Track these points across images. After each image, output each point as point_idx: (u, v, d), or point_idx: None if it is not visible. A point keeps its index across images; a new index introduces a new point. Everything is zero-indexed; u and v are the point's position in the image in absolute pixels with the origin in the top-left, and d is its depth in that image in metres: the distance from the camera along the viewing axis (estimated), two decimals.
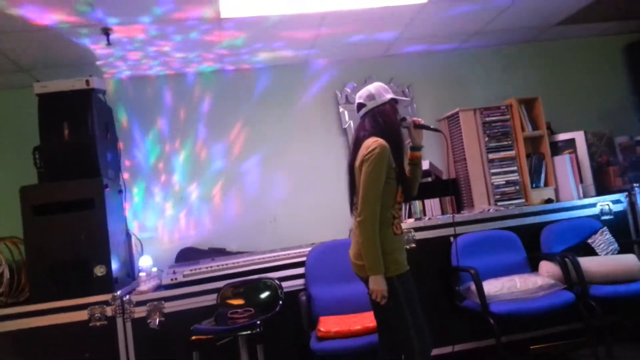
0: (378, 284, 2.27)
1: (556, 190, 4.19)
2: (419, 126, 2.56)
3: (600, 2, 3.94)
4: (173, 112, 4.21)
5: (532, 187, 4.14)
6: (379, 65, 4.50)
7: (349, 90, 4.42)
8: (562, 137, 4.33)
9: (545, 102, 4.28)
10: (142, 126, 4.15)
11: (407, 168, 2.54)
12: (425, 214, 4.01)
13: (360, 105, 2.51)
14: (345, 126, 4.37)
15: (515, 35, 4.51)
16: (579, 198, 4.06)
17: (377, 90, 2.48)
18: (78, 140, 3.26)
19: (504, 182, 4.11)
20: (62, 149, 3.25)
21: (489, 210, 3.85)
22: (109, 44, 3.31)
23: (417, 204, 4.02)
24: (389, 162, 2.33)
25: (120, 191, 3.69)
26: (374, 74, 4.43)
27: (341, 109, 4.41)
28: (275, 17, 3.43)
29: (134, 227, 3.99)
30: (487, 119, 4.17)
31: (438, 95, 4.54)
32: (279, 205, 4.23)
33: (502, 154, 4.15)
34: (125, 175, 4.02)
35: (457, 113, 4.20)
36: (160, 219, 4.10)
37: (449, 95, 4.54)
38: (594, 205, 3.92)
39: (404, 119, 2.54)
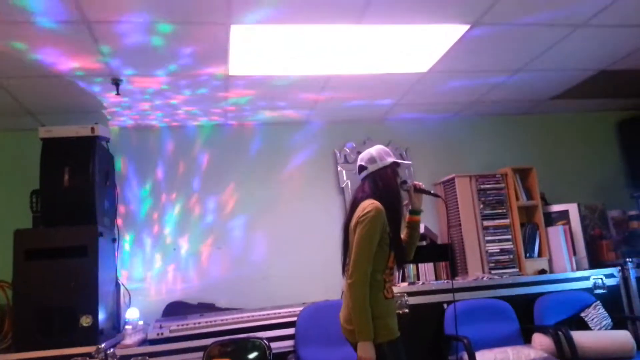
0: (366, 351, 2.22)
1: (549, 261, 4.19)
2: (419, 190, 2.60)
3: (592, 80, 4.09)
4: (172, 163, 4.24)
5: (526, 257, 4.14)
6: (378, 128, 4.60)
7: (347, 150, 4.50)
8: (556, 208, 4.38)
9: (540, 173, 4.35)
10: (140, 175, 4.17)
11: (404, 231, 2.55)
12: (419, 279, 3.99)
13: (362, 168, 2.54)
14: (343, 185, 4.42)
15: (511, 107, 4.65)
16: (572, 270, 4.06)
17: (378, 153, 2.52)
18: (77, 187, 3.27)
19: (498, 250, 4.12)
20: (60, 194, 3.25)
21: (483, 278, 3.84)
22: (117, 93, 3.38)
23: (412, 267, 4.00)
24: (383, 225, 2.33)
25: (114, 239, 3.66)
26: (373, 136, 4.51)
27: (339, 168, 4.46)
28: (281, 78, 3.53)
29: (121, 275, 3.92)
30: (482, 186, 4.23)
31: (435, 159, 4.62)
32: (272, 261, 4.20)
33: (496, 222, 4.18)
34: (118, 221, 3.99)
35: (453, 179, 4.26)
36: (149, 270, 4.04)
37: (445, 161, 4.62)
38: (587, 278, 3.93)
39: (404, 182, 2.57)
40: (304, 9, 2.71)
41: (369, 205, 2.34)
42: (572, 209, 4.31)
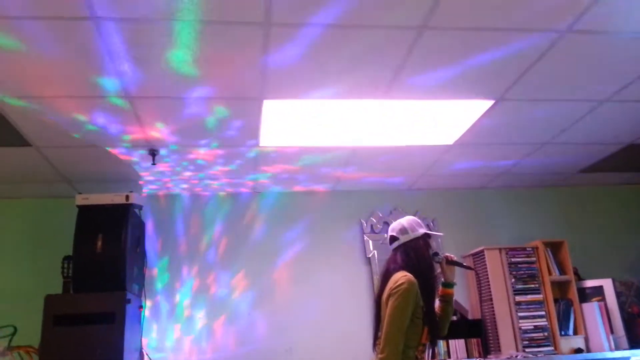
0: None
1: (586, 340, 4.00)
2: (452, 262, 2.57)
3: (620, 154, 4.07)
4: (197, 231, 4.27)
5: (560, 335, 3.96)
6: (405, 198, 4.61)
7: (374, 220, 4.50)
8: (590, 283, 4.24)
9: (571, 247, 4.25)
10: (163, 242, 4.21)
11: (437, 305, 2.50)
12: (449, 356, 3.84)
13: (393, 238, 2.54)
14: (369, 255, 4.38)
15: (540, 179, 4.63)
16: (611, 350, 3.86)
17: (410, 224, 2.52)
18: (109, 253, 3.32)
19: (532, 327, 3.96)
20: (92, 260, 3.31)
21: (517, 356, 3.68)
22: (154, 164, 3.50)
23: (442, 344, 3.87)
24: (416, 299, 2.29)
25: (140, 307, 3.66)
26: (400, 206, 4.52)
27: (366, 238, 4.44)
28: (308, 148, 3.62)
29: (154, 345, 3.88)
30: (512, 259, 4.14)
31: (463, 231, 4.56)
32: (298, 332, 4.09)
33: (529, 297, 4.05)
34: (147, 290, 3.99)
35: (482, 251, 4.19)
36: (170, 339, 3.97)
37: (473, 232, 4.55)
38: (627, 358, 3.72)
39: (436, 253, 2.55)
40: (333, 85, 2.83)
41: (401, 277, 2.31)
42: (607, 284, 4.16)
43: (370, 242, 4.42)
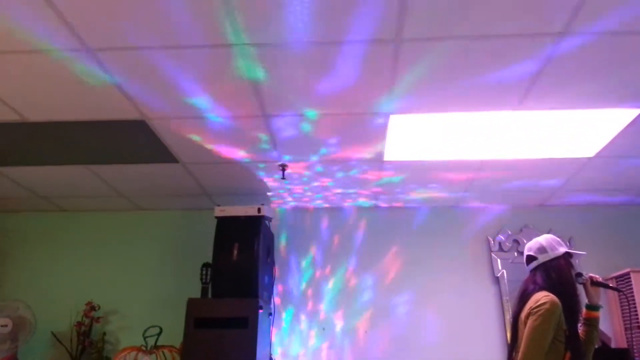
0: None
1: None
2: (597, 283, 2.42)
3: None
4: (327, 243, 4.39)
5: None
6: (536, 215, 4.36)
7: (502, 238, 4.30)
8: None
9: None
10: (297, 254, 4.37)
11: (580, 329, 2.34)
12: None
13: (531, 258, 2.43)
14: (498, 275, 4.18)
15: None
16: None
17: (548, 243, 2.41)
18: (244, 262, 3.54)
19: None
20: (229, 267, 3.55)
21: None
22: (283, 178, 3.69)
23: None
24: (558, 321, 2.17)
25: (270, 314, 3.84)
26: (531, 223, 4.29)
27: (494, 256, 4.26)
28: (434, 162, 3.57)
29: (277, 352, 4.05)
30: None
31: (603, 251, 4.18)
32: (421, 353, 4.01)
33: None
34: (277, 300, 4.18)
35: (627, 274, 3.81)
36: (303, 348, 4.11)
37: (616, 253, 4.16)
38: None
39: (579, 274, 2.42)
40: (462, 98, 2.78)
41: (543, 297, 2.21)
42: None
43: (499, 260, 4.23)
